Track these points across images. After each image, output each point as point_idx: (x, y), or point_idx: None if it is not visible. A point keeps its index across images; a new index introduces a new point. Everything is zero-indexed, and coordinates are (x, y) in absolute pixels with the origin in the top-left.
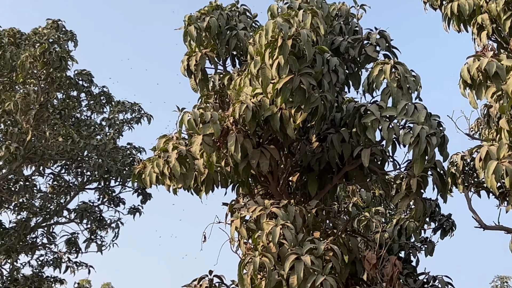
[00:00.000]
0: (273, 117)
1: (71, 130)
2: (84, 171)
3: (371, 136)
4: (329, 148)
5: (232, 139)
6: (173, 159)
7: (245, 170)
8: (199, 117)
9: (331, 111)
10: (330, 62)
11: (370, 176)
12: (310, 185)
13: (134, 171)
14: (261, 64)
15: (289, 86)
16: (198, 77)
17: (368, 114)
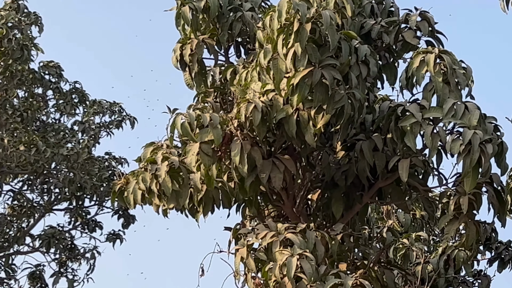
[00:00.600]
0: (288, 120)
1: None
2: (51, 187)
3: (410, 143)
4: (358, 159)
5: (236, 148)
6: (163, 172)
7: (253, 186)
8: (195, 120)
9: (360, 112)
10: (359, 51)
11: (410, 193)
12: (334, 205)
13: (114, 188)
14: (273, 54)
15: (308, 82)
16: (194, 70)
17: (407, 116)
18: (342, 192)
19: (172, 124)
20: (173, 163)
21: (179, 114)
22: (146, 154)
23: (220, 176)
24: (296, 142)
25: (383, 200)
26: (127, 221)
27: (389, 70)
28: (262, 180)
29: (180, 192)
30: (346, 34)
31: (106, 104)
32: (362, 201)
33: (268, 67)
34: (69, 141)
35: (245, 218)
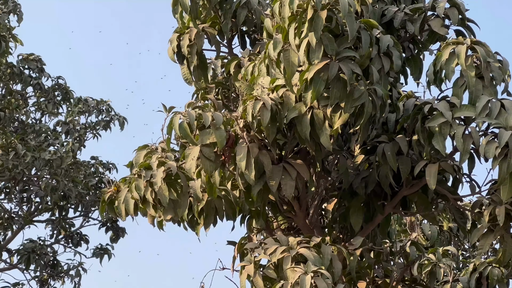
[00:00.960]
0: (300, 120)
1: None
2: (31, 196)
3: (439, 146)
4: (380, 163)
5: (242, 152)
6: (158, 179)
7: (261, 195)
8: (195, 120)
9: (382, 111)
10: (381, 42)
11: (437, 203)
12: (352, 216)
13: (102, 197)
14: (284, 45)
15: (323, 76)
16: (193, 63)
17: (435, 115)
18: (362, 201)
19: (169, 124)
20: (170, 169)
21: (177, 113)
22: (139, 158)
23: (223, 184)
24: (309, 145)
25: (407, 210)
26: (116, 234)
27: (414, 63)
28: (271, 188)
29: (178, 201)
30: (366, 23)
31: (93, 103)
32: (384, 211)
33: (278, 60)
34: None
35: (252, 231)
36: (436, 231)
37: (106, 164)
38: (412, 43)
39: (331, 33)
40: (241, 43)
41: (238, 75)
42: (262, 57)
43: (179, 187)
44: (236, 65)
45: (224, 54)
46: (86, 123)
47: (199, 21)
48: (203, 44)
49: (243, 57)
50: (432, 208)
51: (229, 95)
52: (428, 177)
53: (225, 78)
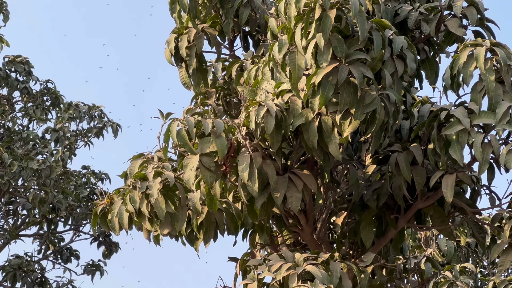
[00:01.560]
0: (307, 128)
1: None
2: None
3: (456, 156)
4: (393, 174)
5: (245, 161)
6: (155, 190)
7: (265, 208)
8: (194, 127)
9: (395, 117)
10: (394, 44)
11: (454, 216)
12: (363, 230)
13: (94, 209)
14: (289, 47)
15: (332, 80)
16: (192, 66)
17: (452, 122)
18: (373, 214)
19: (166, 132)
20: (167, 180)
21: (175, 120)
22: (133, 168)
23: (224, 196)
24: (317, 154)
25: (422, 224)
26: (109, 250)
27: (430, 66)
28: (276, 201)
29: (176, 214)
30: (378, 23)
31: (84, 108)
32: (397, 226)
33: (284, 63)
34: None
35: (255, 246)
36: (453, 246)
37: (98, 174)
38: (428, 44)
39: (340, 34)
40: (243, 45)
41: (240, 79)
42: (266, 60)
43: (177, 199)
44: (238, 69)
45: (225, 57)
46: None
47: (199, 20)
48: (202, 45)
49: (246, 60)
50: (448, 222)
51: (231, 100)
52: (445, 188)
53: (226, 82)
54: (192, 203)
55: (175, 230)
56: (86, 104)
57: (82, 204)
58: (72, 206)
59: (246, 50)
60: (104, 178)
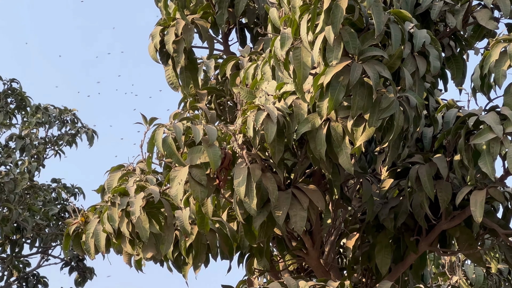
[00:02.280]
0: (314, 136)
1: None
2: None
3: (487, 169)
4: (413, 190)
5: (241, 174)
6: (137, 208)
7: (265, 228)
8: (183, 134)
9: (416, 124)
10: (415, 38)
11: (483, 239)
12: (378, 255)
13: (66, 229)
14: (294, 42)
15: (343, 81)
16: (181, 63)
17: (482, 130)
18: (390, 236)
19: (151, 140)
20: (151, 195)
21: (160, 126)
22: (112, 181)
23: (217, 214)
24: (325, 166)
25: (446, 247)
26: (83, 276)
27: (456, 65)
28: (277, 220)
29: (161, 235)
30: (396, 14)
31: (54, 112)
32: (417, 250)
33: (287, 60)
34: (2, 164)
35: (252, 272)
36: (483, 274)
37: (70, 188)
38: (454, 40)
39: (353, 27)
40: (240, 39)
41: (236, 79)
42: (266, 57)
43: (163, 218)
44: (233, 67)
45: (219, 53)
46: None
47: (188, 11)
48: (192, 40)
49: (243, 57)
50: (477, 245)
51: (225, 104)
52: (473, 206)
53: (219, 82)
54: (180, 222)
55: (160, 254)
56: (57, 108)
57: (52, 223)
58: (40, 225)
59: (243, 46)
60: (77, 193)
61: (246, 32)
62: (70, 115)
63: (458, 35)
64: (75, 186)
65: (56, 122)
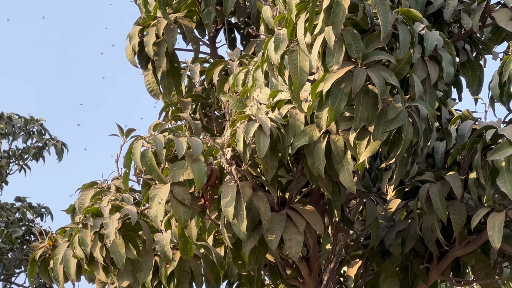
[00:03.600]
0: (312, 150)
1: None
2: None
3: (507, 188)
4: (423, 212)
5: (230, 193)
6: (112, 230)
7: (255, 254)
8: (164, 148)
9: (427, 138)
10: (426, 41)
11: (502, 267)
12: (384, 284)
13: (32, 254)
14: (289, 44)
15: (345, 88)
16: (162, 68)
17: (501, 144)
18: (397, 264)
19: (127, 154)
20: (128, 216)
21: (139, 138)
22: (84, 200)
23: (202, 238)
24: (324, 185)
25: (460, 277)
26: None
27: (472, 71)
28: (270, 245)
29: (138, 262)
30: (405, 14)
31: (19, 122)
32: (428, 279)
33: (282, 65)
34: None
35: None
36: None
37: (37, 208)
38: (469, 43)
39: (356, 27)
40: (229, 41)
41: (225, 85)
42: (258, 61)
43: (141, 242)
44: (221, 72)
45: (205, 56)
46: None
47: (171, 9)
48: (175, 41)
49: (232, 61)
50: (495, 274)
51: (212, 113)
52: (491, 231)
53: (205, 89)
54: (160, 247)
55: (138, 282)
56: (22, 117)
57: (16, 247)
58: (1, 249)
59: (232, 49)
60: (44, 213)
61: (236, 33)
62: (37, 125)
63: (474, 37)
64: (41, 205)
65: (21, 134)
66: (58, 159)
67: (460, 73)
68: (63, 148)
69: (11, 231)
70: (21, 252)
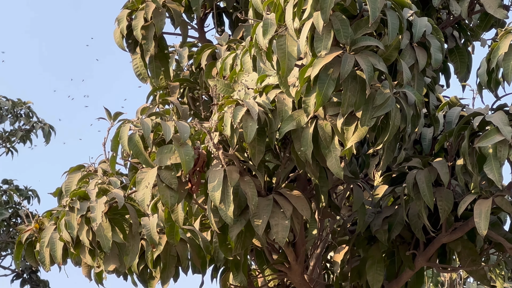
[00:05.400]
0: (299, 135)
1: None
2: None
3: (493, 175)
4: (410, 198)
5: (217, 178)
6: (98, 213)
7: (242, 239)
8: (151, 132)
9: (415, 123)
10: (415, 27)
11: (488, 254)
12: (370, 271)
13: (18, 237)
14: (278, 29)
15: (333, 74)
16: (150, 52)
17: (489, 131)
18: (383, 250)
19: (115, 137)
20: (115, 200)
21: (126, 122)
22: (71, 184)
23: (189, 223)
24: (311, 170)
25: (446, 263)
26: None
27: (460, 58)
28: (257, 230)
29: (125, 245)
30: (394, 0)
31: (6, 104)
32: (414, 265)
33: (270, 50)
34: None
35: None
36: None
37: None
38: (458, 29)
39: (344, 13)
40: (217, 25)
41: (213, 70)
42: (246, 46)
43: (127, 226)
44: (209, 56)
45: (193, 40)
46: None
47: None
48: (163, 25)
49: (220, 45)
50: (481, 261)
51: (199, 97)
52: (477, 218)
53: (193, 73)
54: (147, 231)
55: (124, 266)
56: (9, 100)
57: (2, 230)
58: None
59: (220, 33)
60: (31, 196)
61: (224, 18)
62: (24, 108)
63: (462, 24)
64: (28, 188)
65: (9, 116)
66: (45, 141)
67: (448, 59)
68: (51, 131)
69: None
70: (7, 234)
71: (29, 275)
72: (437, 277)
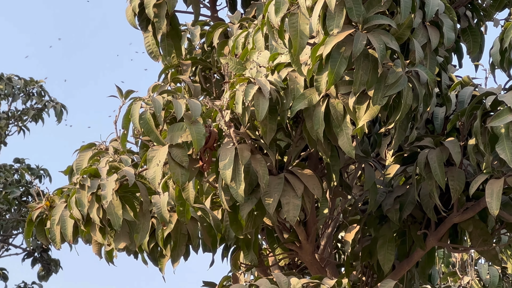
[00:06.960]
0: (311, 114)
1: None
2: None
3: (505, 155)
4: (422, 177)
5: (228, 156)
6: (109, 191)
7: (253, 218)
8: (162, 109)
9: (427, 103)
10: (427, 6)
11: (499, 234)
12: (381, 250)
13: (29, 215)
14: (290, 7)
15: (345, 52)
16: (162, 30)
17: (501, 111)
18: (395, 230)
19: (126, 116)
20: (125, 178)
21: (137, 99)
22: (81, 162)
23: (200, 201)
24: (323, 149)
25: (458, 243)
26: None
27: (473, 37)
28: (268, 209)
29: (135, 223)
30: None
31: (19, 83)
32: (425, 245)
33: (282, 28)
34: None
35: (238, 267)
36: (498, 274)
37: (35, 170)
38: (471, 9)
39: None
40: (229, 4)
41: (225, 48)
42: (258, 24)
43: (138, 203)
44: (221, 35)
45: (206, 19)
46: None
47: None
48: (176, 3)
49: (232, 23)
50: (492, 241)
51: (211, 76)
52: (489, 197)
53: (205, 52)
54: (158, 209)
55: (134, 244)
56: (22, 78)
57: (13, 208)
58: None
59: (232, 11)
60: (42, 175)
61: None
62: (36, 87)
63: (475, 4)
64: (40, 167)
65: (21, 95)
66: (57, 120)
67: (460, 39)
68: (62, 110)
69: (9, 192)
70: (19, 213)
71: (40, 254)
72: (448, 257)
